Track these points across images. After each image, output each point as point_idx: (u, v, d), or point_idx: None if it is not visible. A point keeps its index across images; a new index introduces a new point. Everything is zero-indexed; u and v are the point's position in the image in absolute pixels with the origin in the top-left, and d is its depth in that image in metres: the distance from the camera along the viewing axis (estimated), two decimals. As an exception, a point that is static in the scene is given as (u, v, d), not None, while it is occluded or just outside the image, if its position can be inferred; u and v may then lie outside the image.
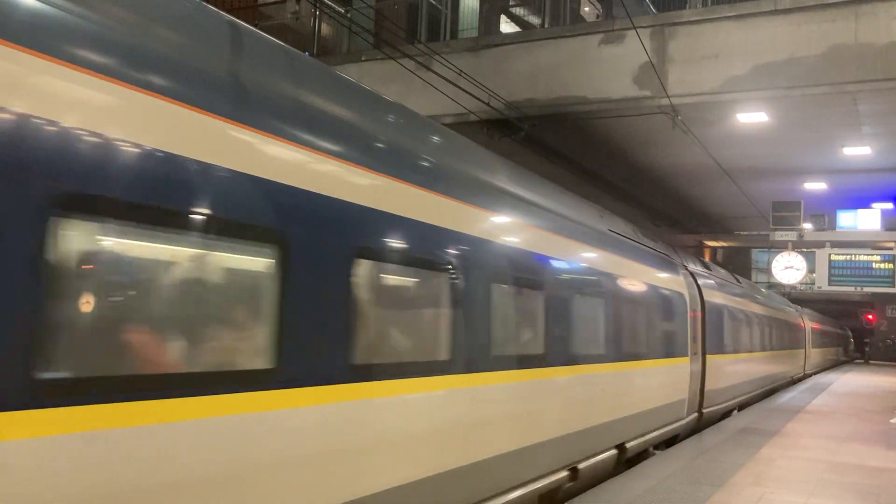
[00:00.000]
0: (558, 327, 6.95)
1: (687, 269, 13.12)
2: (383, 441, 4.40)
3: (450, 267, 5.15)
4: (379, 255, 4.44)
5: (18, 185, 2.59)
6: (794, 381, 26.04)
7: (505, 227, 6.21)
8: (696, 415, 12.56)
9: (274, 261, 3.66)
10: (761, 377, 19.13)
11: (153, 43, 3.26)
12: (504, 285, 5.99)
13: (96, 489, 2.81)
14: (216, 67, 3.61)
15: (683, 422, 11.71)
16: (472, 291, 5.39)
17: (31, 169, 2.63)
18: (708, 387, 13.06)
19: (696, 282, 13.13)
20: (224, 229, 3.40)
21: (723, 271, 18.38)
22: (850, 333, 56.65)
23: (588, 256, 8.07)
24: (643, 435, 9.63)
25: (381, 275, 4.60)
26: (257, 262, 3.74)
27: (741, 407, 16.51)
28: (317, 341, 3.89)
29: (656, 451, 10.34)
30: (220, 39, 3.82)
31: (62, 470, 2.69)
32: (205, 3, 3.88)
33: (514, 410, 6.10)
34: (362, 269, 4.24)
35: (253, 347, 3.64)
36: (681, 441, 11.25)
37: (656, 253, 11.33)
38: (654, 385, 10.18)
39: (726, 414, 15.13)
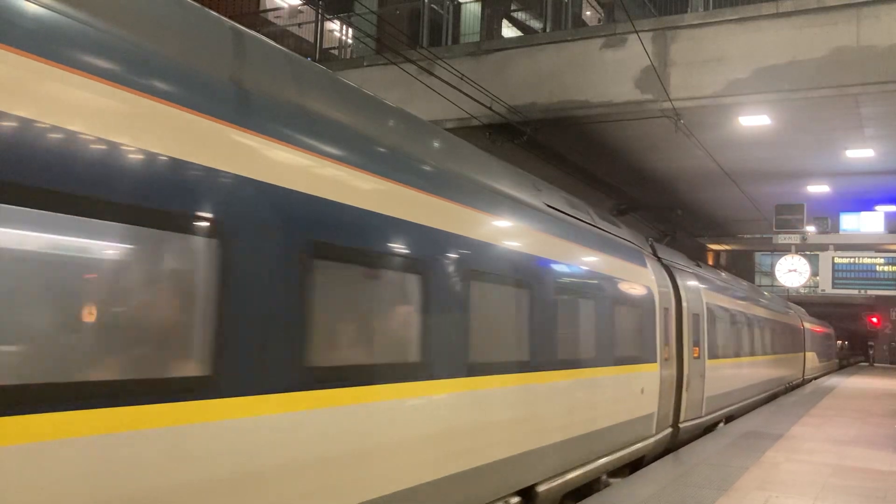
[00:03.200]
0: (441, 326, 5.03)
1: (659, 260, 11.65)
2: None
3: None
4: None
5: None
6: (792, 388, 24.80)
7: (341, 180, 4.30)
8: (669, 430, 10.97)
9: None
10: (755, 384, 17.77)
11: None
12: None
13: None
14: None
15: (651, 441, 9.94)
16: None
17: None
18: (688, 397, 11.62)
19: (670, 275, 11.60)
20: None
21: (723, 274, 17.68)
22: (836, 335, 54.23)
23: (506, 233, 6.16)
24: (577, 468, 7.43)
25: None
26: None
27: (730, 418, 15.09)
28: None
29: (613, 481, 8.72)
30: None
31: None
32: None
33: (336, 449, 4.09)
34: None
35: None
36: (647, 464, 9.69)
37: (614, 238, 9.42)
38: (601, 400, 8.09)
39: (712, 426, 13.67)
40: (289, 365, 3.77)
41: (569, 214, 8.05)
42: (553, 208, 7.64)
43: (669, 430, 10.99)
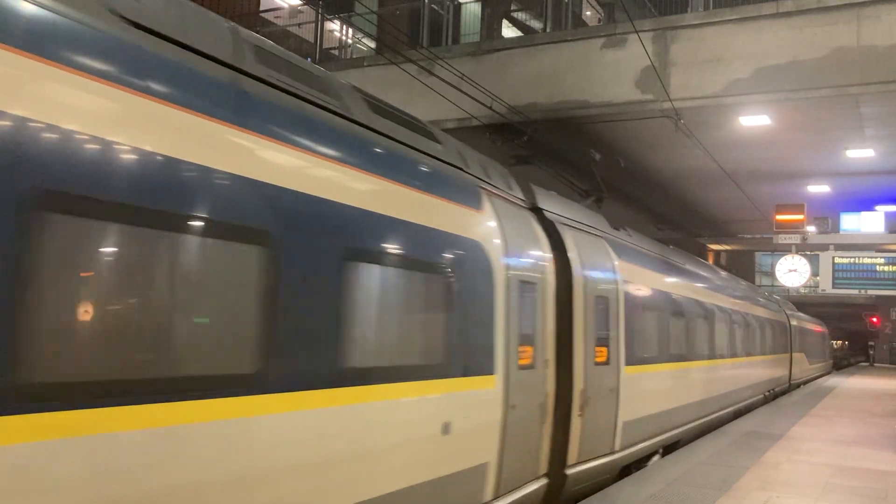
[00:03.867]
0: None
1: (530, 209, 7.56)
2: None
3: None
4: None
5: None
6: (774, 395, 20.69)
7: None
8: (539, 485, 6.90)
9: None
10: (714, 396, 13.47)
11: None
12: None
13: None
14: None
15: None
16: None
17: None
18: (584, 425, 7.64)
19: (552, 235, 7.61)
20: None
21: (674, 253, 13.20)
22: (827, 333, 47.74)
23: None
24: None
25: None
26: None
27: (672, 446, 10.88)
28: None
29: None
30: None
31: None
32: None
33: None
34: None
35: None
36: None
37: (402, 152, 5.38)
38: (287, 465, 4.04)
39: (639, 462, 9.64)
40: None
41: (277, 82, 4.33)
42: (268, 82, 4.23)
43: (539, 483, 6.93)
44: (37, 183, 2.81)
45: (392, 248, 4.84)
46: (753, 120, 12.86)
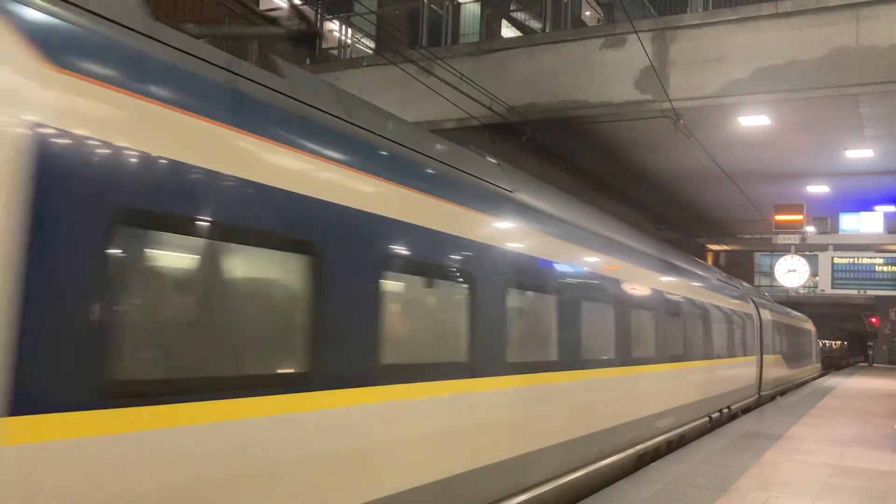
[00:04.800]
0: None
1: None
2: None
3: None
4: None
5: None
6: (726, 417, 14.59)
7: None
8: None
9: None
10: (614, 427, 8.52)
11: None
12: None
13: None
14: None
15: None
16: None
17: None
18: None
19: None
20: None
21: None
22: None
23: None
24: None
25: None
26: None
27: None
28: None
29: None
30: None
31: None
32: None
33: None
34: None
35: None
36: None
37: None
38: None
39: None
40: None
41: None
42: None
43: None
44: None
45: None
46: (753, 120, 12.86)
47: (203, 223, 3.38)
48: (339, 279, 4.19)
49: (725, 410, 14.69)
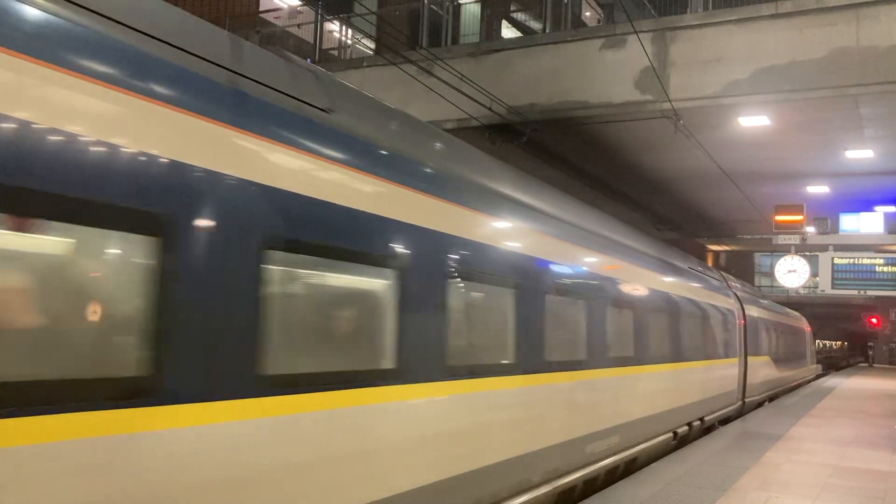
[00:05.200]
0: None
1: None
2: None
3: None
4: None
5: None
6: (698, 431, 12.62)
7: None
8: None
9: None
10: (515, 459, 6.21)
11: None
12: None
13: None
14: None
15: None
16: None
17: None
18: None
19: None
20: None
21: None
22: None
23: None
24: None
25: None
26: None
27: None
28: None
29: None
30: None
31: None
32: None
33: None
34: None
35: None
36: None
37: None
38: None
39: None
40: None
41: None
42: None
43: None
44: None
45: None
46: (753, 120, 12.86)
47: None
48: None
49: (697, 423, 12.36)
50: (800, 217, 18.65)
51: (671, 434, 10.91)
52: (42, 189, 2.82)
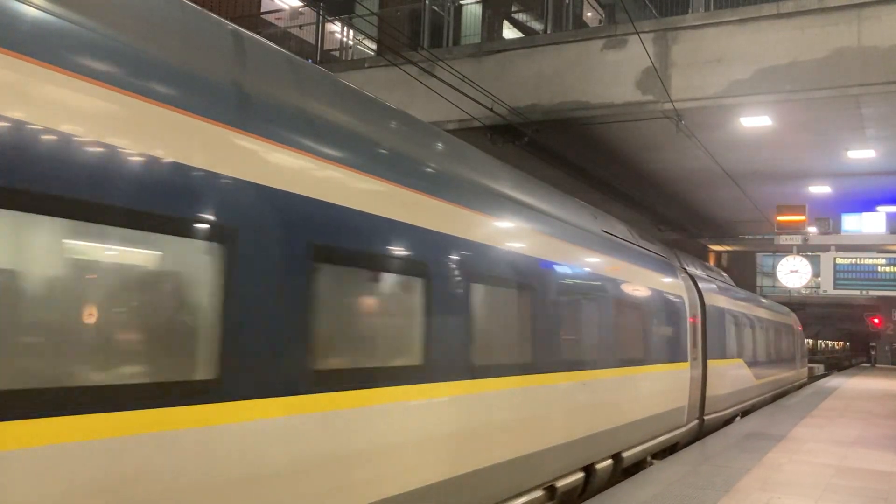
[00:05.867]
0: None
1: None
2: None
3: None
4: None
5: None
6: (622, 471, 9.32)
7: None
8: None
9: None
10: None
11: None
12: None
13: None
14: None
15: None
16: None
17: None
18: None
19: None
20: None
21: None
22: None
23: None
24: None
25: None
26: None
27: None
28: None
29: None
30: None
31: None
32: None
33: None
34: None
35: None
36: None
37: None
38: None
39: None
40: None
41: None
42: None
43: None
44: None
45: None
46: (754, 121, 12.85)
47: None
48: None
49: (605, 463, 8.48)
50: (801, 217, 18.61)
51: (542, 492, 7.01)
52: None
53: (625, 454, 9.16)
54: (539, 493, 6.90)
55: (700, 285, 13.72)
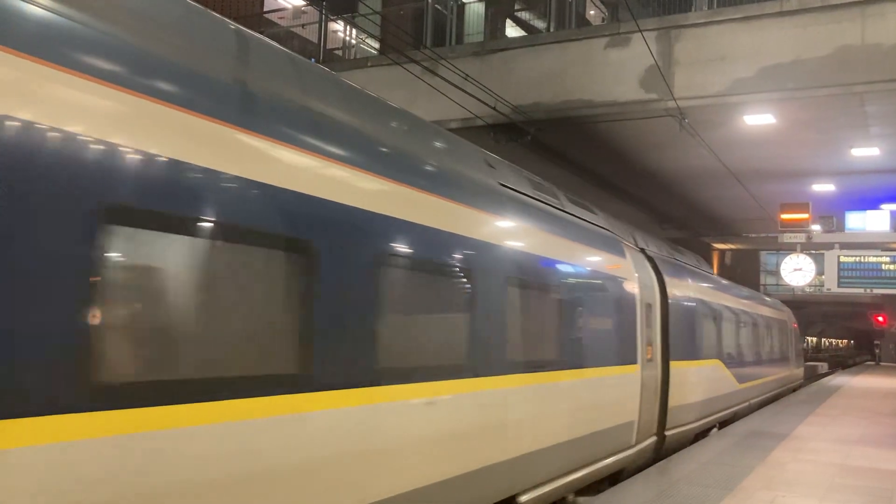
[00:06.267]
0: None
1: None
2: None
3: None
4: None
5: None
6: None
7: None
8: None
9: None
10: None
11: None
12: None
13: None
14: None
15: None
16: None
17: None
18: None
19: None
20: None
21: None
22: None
23: None
24: None
25: None
26: None
27: None
28: None
29: None
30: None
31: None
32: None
33: None
34: None
35: None
36: None
37: None
38: None
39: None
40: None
41: None
42: None
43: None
44: None
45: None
46: (758, 119, 12.83)
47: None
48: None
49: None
50: (805, 215, 18.58)
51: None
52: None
53: (523, 498, 6.47)
54: None
55: (662, 269, 11.12)
